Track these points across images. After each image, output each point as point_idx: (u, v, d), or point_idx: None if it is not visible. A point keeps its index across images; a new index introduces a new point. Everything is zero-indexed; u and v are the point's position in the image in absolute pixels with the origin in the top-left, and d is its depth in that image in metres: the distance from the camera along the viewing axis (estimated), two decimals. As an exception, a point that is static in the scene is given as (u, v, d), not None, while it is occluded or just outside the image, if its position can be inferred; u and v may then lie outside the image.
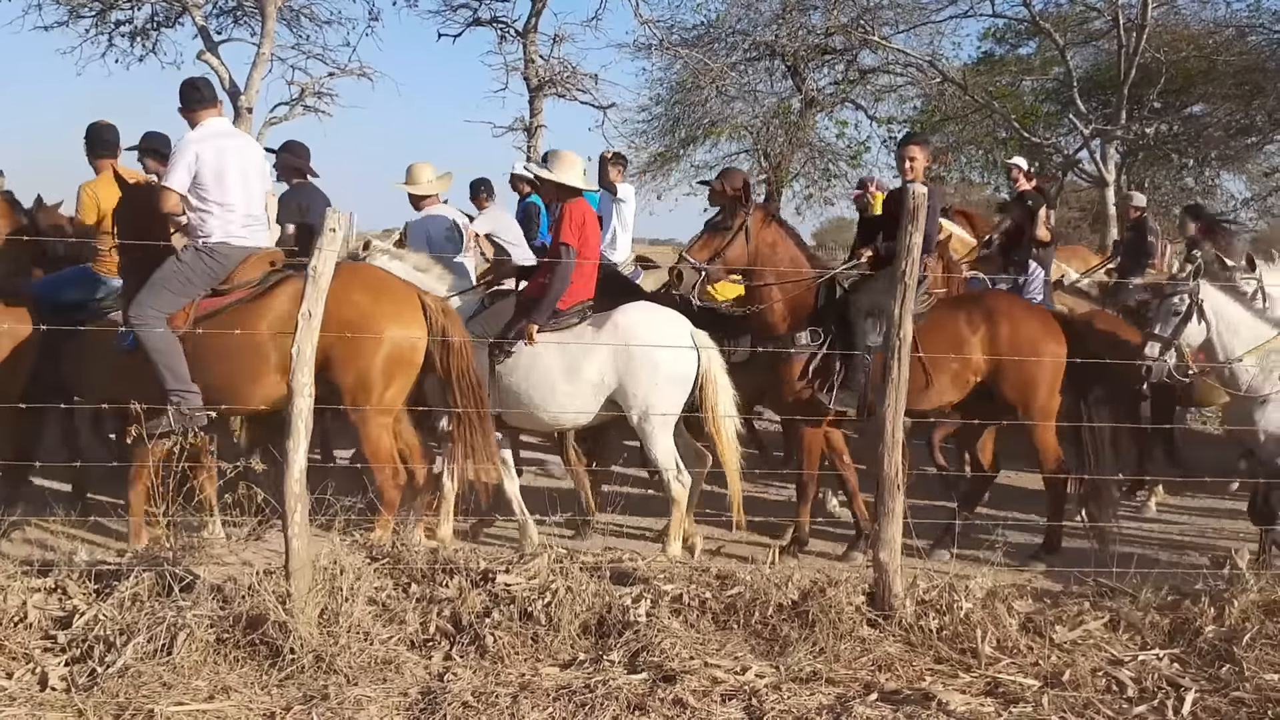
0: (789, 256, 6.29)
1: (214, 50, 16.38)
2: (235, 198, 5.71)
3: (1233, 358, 5.98)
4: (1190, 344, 6.04)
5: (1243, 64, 18.34)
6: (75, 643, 4.24)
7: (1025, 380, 6.21)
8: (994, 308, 6.38)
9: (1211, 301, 6.01)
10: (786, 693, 4.07)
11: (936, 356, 6.14)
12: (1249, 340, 5.99)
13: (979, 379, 6.27)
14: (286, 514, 4.38)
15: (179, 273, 5.61)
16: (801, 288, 6.30)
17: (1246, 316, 6.09)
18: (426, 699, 3.98)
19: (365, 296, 5.59)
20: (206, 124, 5.79)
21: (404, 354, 5.64)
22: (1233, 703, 4.11)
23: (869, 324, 6.11)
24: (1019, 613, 4.76)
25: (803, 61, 20.36)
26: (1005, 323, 6.25)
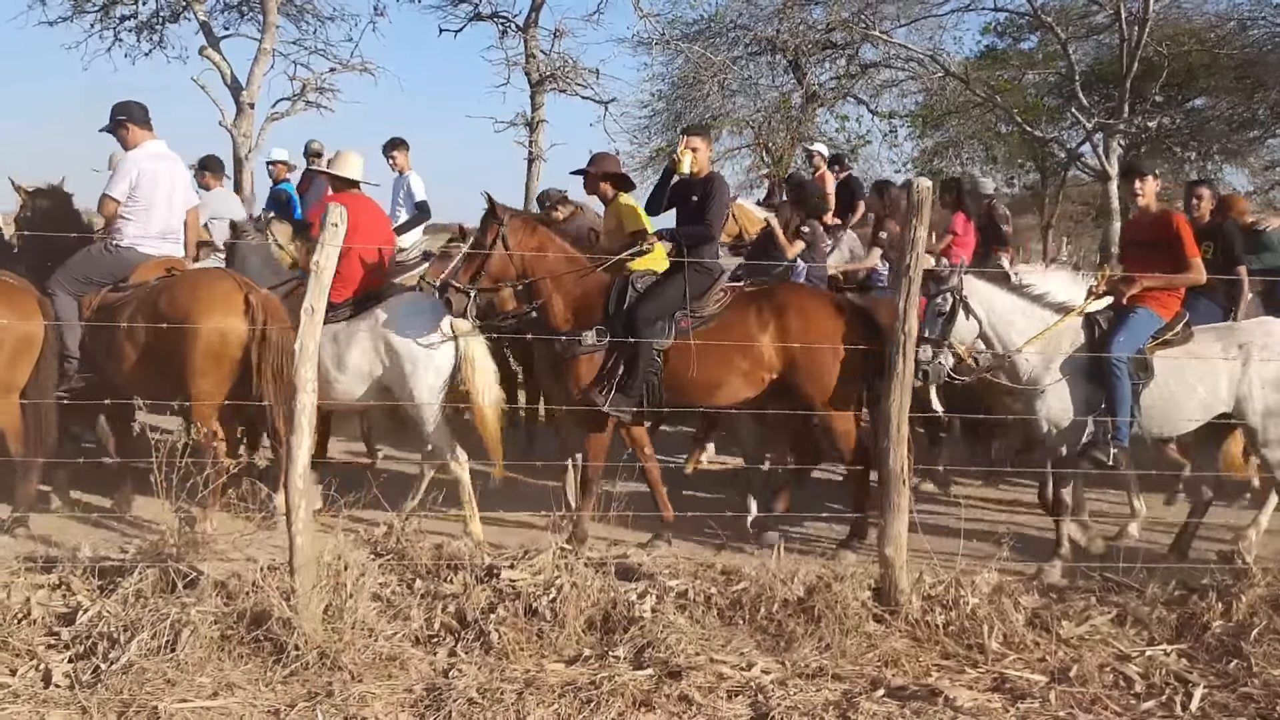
0: (560, 258, 6.21)
1: (216, 45, 16.34)
2: (158, 212, 6.49)
3: (1012, 349, 5.93)
4: (964, 341, 5.91)
5: (1244, 57, 18.31)
6: (79, 639, 4.23)
7: (819, 371, 6.05)
8: (784, 302, 6.20)
9: (978, 296, 5.93)
10: (793, 688, 4.06)
11: (727, 355, 6.03)
12: (1026, 329, 5.95)
13: (774, 375, 6.13)
14: (290, 509, 4.37)
15: (84, 262, 6.42)
16: (584, 287, 6.23)
17: (1021, 305, 6.00)
18: (431, 695, 3.97)
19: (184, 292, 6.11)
20: (146, 145, 6.52)
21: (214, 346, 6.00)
22: (1241, 698, 4.10)
23: (657, 327, 6.02)
24: (1026, 608, 4.75)
25: (804, 56, 20.30)
26: (795, 316, 6.09)
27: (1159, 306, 5.97)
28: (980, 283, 5.99)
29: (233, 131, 15.66)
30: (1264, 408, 5.80)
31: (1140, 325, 5.89)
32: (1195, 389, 5.87)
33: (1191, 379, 5.87)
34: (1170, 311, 6.00)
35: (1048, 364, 5.89)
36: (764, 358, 6.10)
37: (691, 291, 6.14)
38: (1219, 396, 5.87)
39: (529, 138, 18.20)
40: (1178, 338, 5.95)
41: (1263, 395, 5.79)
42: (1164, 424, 5.98)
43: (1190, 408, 5.90)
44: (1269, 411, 5.81)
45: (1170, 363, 5.87)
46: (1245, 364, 5.81)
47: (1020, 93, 19.91)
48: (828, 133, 21.50)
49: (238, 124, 15.63)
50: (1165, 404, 5.89)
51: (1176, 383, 5.87)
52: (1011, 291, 6.01)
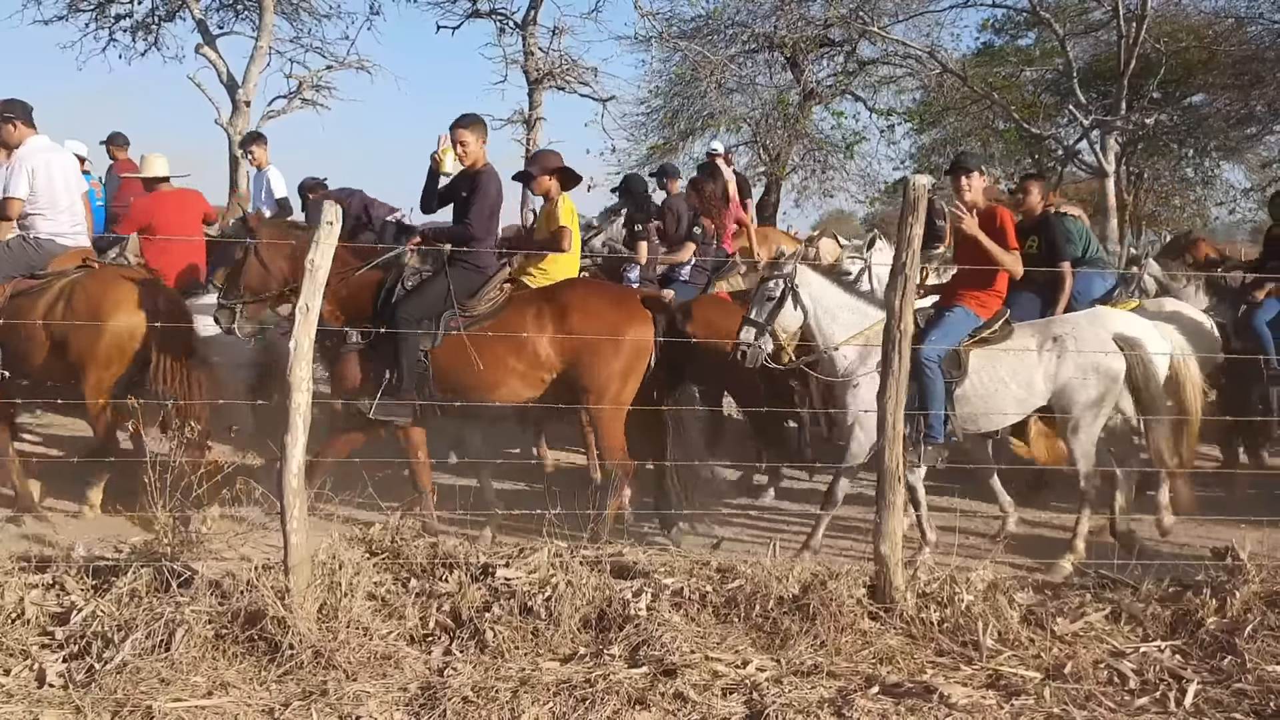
0: None
1: (212, 44, 16.35)
2: (61, 202, 6.67)
3: (832, 344, 5.98)
4: (786, 329, 5.99)
5: (1242, 54, 18.30)
6: (73, 639, 4.23)
7: (599, 371, 6.01)
8: (567, 301, 6.15)
9: (809, 287, 5.98)
10: (788, 686, 4.06)
11: (502, 355, 6.00)
12: (850, 326, 5.99)
13: (554, 374, 6.11)
14: (285, 509, 4.37)
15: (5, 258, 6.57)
16: (352, 288, 6.13)
17: (848, 301, 6.06)
18: (426, 694, 3.97)
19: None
20: (31, 141, 6.66)
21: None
22: (1235, 694, 4.10)
23: (421, 327, 5.97)
24: (1020, 605, 4.75)
25: (802, 53, 20.29)
26: (577, 315, 6.04)
27: (977, 305, 6.05)
28: (813, 275, 6.08)
29: (229, 130, 15.66)
30: (1082, 399, 5.90)
31: (955, 324, 5.99)
32: (1009, 385, 5.95)
33: (1005, 374, 5.95)
34: (989, 310, 6.09)
35: (864, 359, 5.94)
36: (542, 357, 6.03)
37: (460, 291, 6.05)
38: (1035, 390, 5.96)
39: (527, 135, 18.21)
40: (996, 335, 6.02)
41: (1082, 386, 5.89)
42: (980, 420, 6.06)
43: (1005, 403, 5.99)
44: (1086, 402, 5.90)
45: (985, 359, 5.96)
46: (1060, 357, 5.90)
47: (1018, 89, 19.91)
48: (825, 129, 21.52)
49: (234, 122, 15.64)
50: (980, 400, 5.97)
51: (991, 379, 5.95)
52: (843, 287, 6.14)
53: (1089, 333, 6.00)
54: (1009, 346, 6.00)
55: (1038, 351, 5.95)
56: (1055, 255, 6.94)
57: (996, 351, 5.99)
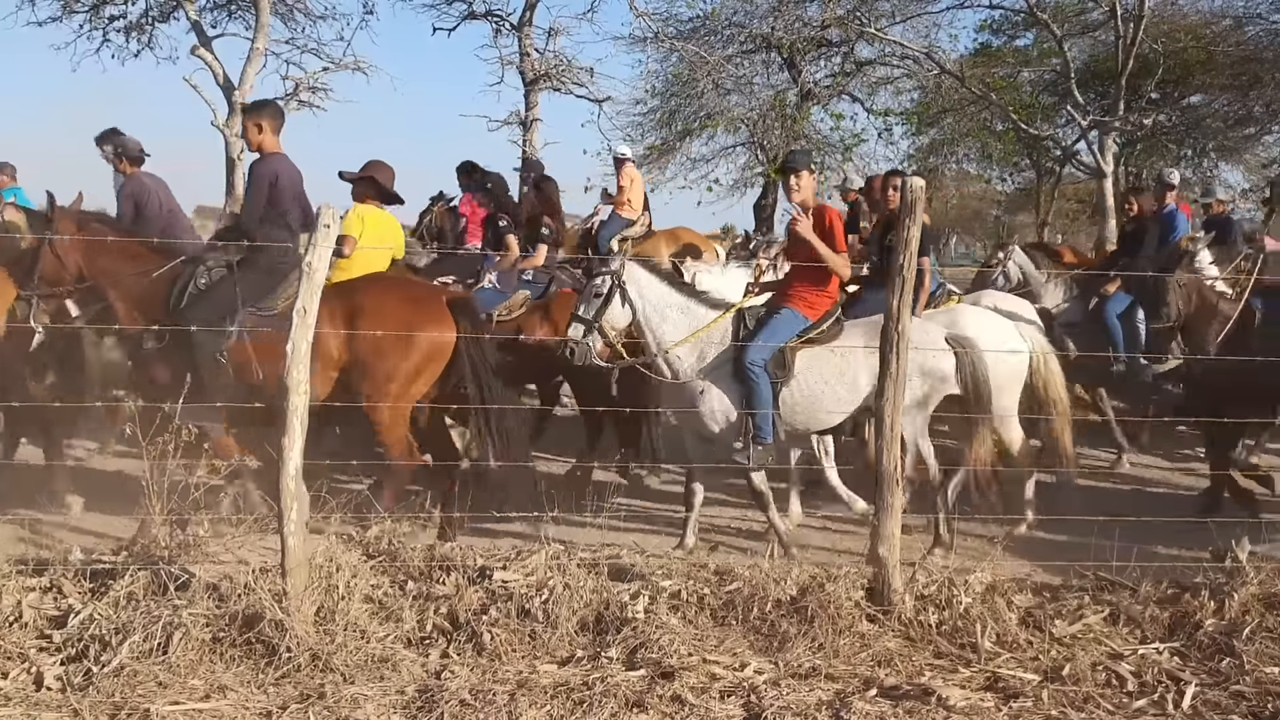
0: (118, 257, 5.99)
1: (208, 45, 16.35)
2: None
3: (661, 342, 5.97)
4: (615, 326, 5.95)
5: (1240, 54, 18.34)
6: (70, 642, 4.22)
7: (381, 371, 5.90)
8: (361, 300, 6.00)
9: (638, 285, 5.95)
10: (786, 689, 4.05)
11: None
12: (680, 325, 5.98)
13: (339, 372, 5.97)
14: (282, 512, 4.36)
15: None
16: (147, 288, 5.98)
17: (678, 300, 6.04)
18: (424, 697, 3.96)
19: None
20: None
21: None
22: (1233, 696, 4.10)
23: (213, 327, 5.80)
24: (1019, 607, 4.75)
25: (799, 54, 20.31)
26: (368, 314, 5.90)
27: (804, 306, 6.06)
28: (643, 272, 6.02)
29: (225, 131, 15.65)
30: (910, 398, 5.83)
31: (782, 325, 5.99)
32: (834, 384, 5.97)
33: (831, 374, 5.97)
34: (817, 311, 6.09)
35: (698, 360, 5.97)
36: (334, 356, 5.89)
37: (253, 289, 5.94)
38: (860, 389, 5.96)
39: (523, 136, 18.23)
40: (824, 335, 6.03)
41: (909, 384, 5.82)
42: (807, 420, 6.07)
43: (832, 402, 6.00)
44: (914, 401, 5.92)
45: (811, 359, 5.97)
46: None
47: (1016, 90, 19.93)
48: (823, 130, 21.53)
49: (230, 124, 15.62)
50: (807, 401, 5.99)
51: (817, 378, 5.97)
52: (673, 286, 6.11)
53: (918, 332, 5.93)
54: (837, 347, 6.02)
55: (865, 351, 5.91)
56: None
57: (824, 351, 6.00)
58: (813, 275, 6.05)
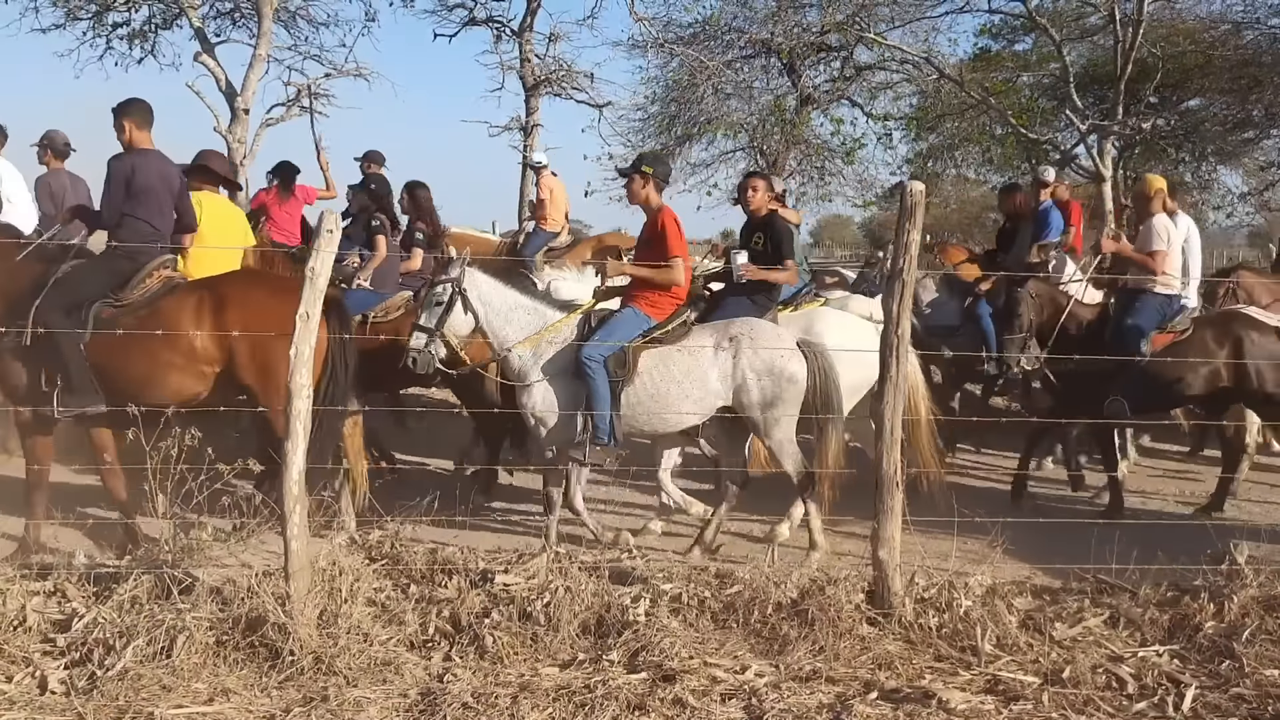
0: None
1: (211, 52, 16.34)
2: None
3: (507, 346, 6.03)
4: (458, 333, 6.01)
5: (1239, 58, 18.34)
6: (75, 646, 4.25)
7: (262, 364, 5.75)
8: (227, 293, 5.91)
9: (478, 290, 6.00)
10: (786, 691, 4.07)
11: (154, 347, 5.74)
12: (525, 326, 6.04)
13: (218, 368, 5.86)
14: (285, 515, 4.38)
15: None
16: (10, 280, 5.86)
17: (524, 302, 6.11)
18: (426, 700, 3.98)
19: None
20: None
21: None
22: (1233, 699, 4.12)
23: (72, 318, 5.70)
24: (1019, 610, 4.77)
25: (798, 59, 20.33)
26: (235, 308, 5.81)
27: (648, 306, 6.11)
28: (483, 277, 6.07)
29: (228, 138, 15.66)
30: (760, 399, 5.96)
31: (623, 324, 6.03)
32: (682, 385, 5.99)
33: (678, 375, 5.98)
34: (662, 311, 6.14)
35: (537, 360, 6.00)
36: (199, 350, 5.80)
37: (105, 281, 5.87)
38: (710, 390, 5.99)
39: (524, 142, 18.24)
40: (670, 335, 6.07)
41: (758, 386, 5.95)
42: (654, 421, 6.10)
43: (678, 403, 6.01)
44: (765, 402, 5.96)
45: (657, 360, 5.99)
46: (736, 357, 5.94)
47: (1015, 94, 19.95)
48: (823, 135, 21.56)
49: (233, 130, 15.64)
50: (652, 401, 6.01)
51: (663, 379, 5.98)
52: (518, 289, 6.18)
53: (769, 334, 6.07)
54: (684, 347, 6.04)
55: (714, 352, 5.99)
56: (779, 253, 6.98)
57: (672, 351, 6.02)
58: (654, 276, 6.10)
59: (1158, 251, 7.31)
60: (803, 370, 6.02)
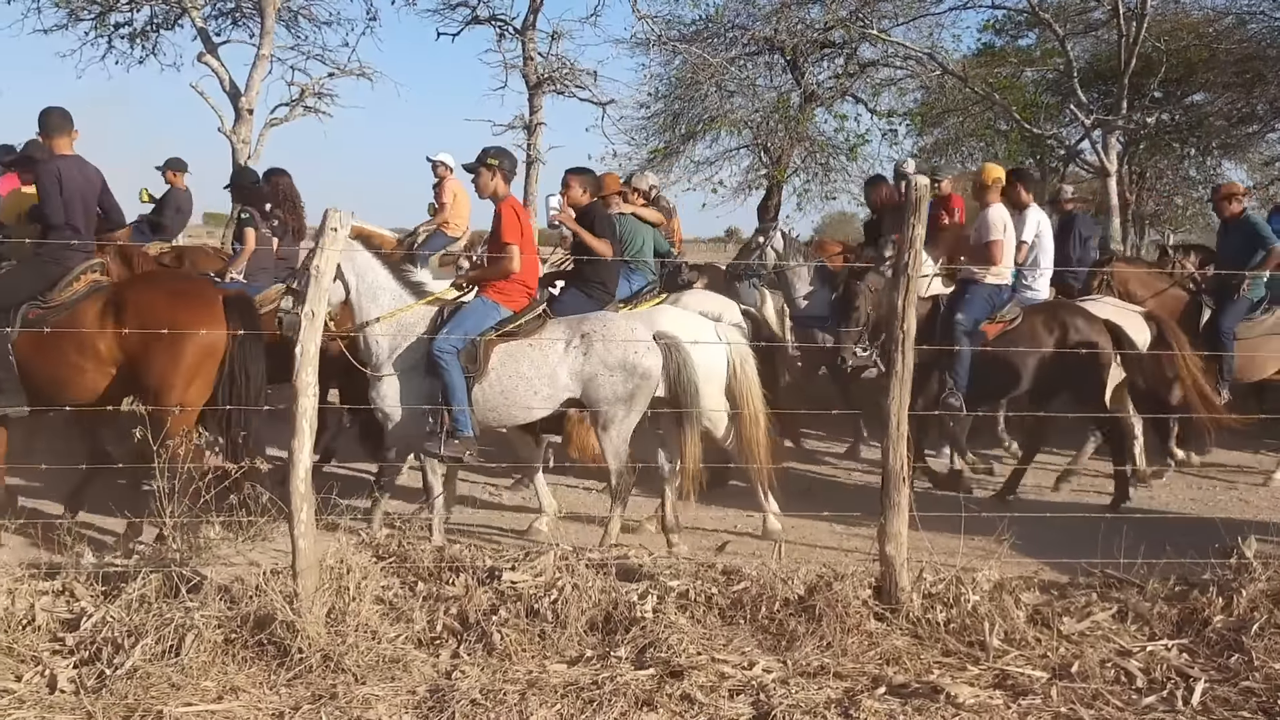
0: None
1: (213, 52, 16.39)
2: None
3: (368, 320, 6.05)
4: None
5: (1243, 52, 18.31)
6: (83, 645, 4.25)
7: (160, 368, 5.80)
8: (128, 297, 5.94)
9: (355, 265, 6.04)
10: (794, 687, 4.07)
11: (64, 348, 5.83)
12: (386, 308, 6.08)
13: (117, 370, 5.90)
14: (293, 513, 4.39)
15: None
16: None
17: (392, 285, 6.13)
18: (434, 697, 3.98)
19: None
20: None
21: None
22: (1242, 692, 4.11)
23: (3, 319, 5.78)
24: (1027, 605, 4.77)
25: (802, 55, 20.31)
26: (132, 311, 5.83)
27: (500, 296, 6.12)
28: (362, 254, 6.11)
29: (232, 138, 15.70)
30: (610, 394, 5.97)
31: (473, 314, 6.02)
32: (531, 379, 6.00)
33: (527, 369, 6.00)
34: (514, 302, 6.14)
35: (392, 351, 6.01)
36: (103, 353, 5.86)
37: (34, 283, 5.96)
38: (559, 385, 6.01)
39: (527, 140, 18.24)
40: (524, 329, 6.08)
41: (609, 381, 5.95)
42: (502, 415, 6.11)
43: (527, 397, 6.02)
44: (615, 397, 5.96)
45: (508, 353, 6.00)
46: (587, 353, 5.96)
47: (1019, 90, 19.91)
48: (827, 132, 21.54)
49: (237, 130, 15.67)
50: (501, 395, 6.01)
51: (513, 373, 5.99)
52: (391, 272, 6.18)
53: (622, 329, 6.06)
54: (536, 341, 6.06)
55: (564, 347, 6.00)
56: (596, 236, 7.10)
57: (523, 345, 6.04)
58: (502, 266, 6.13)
59: (994, 241, 7.39)
60: (657, 365, 6.03)
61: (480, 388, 5.98)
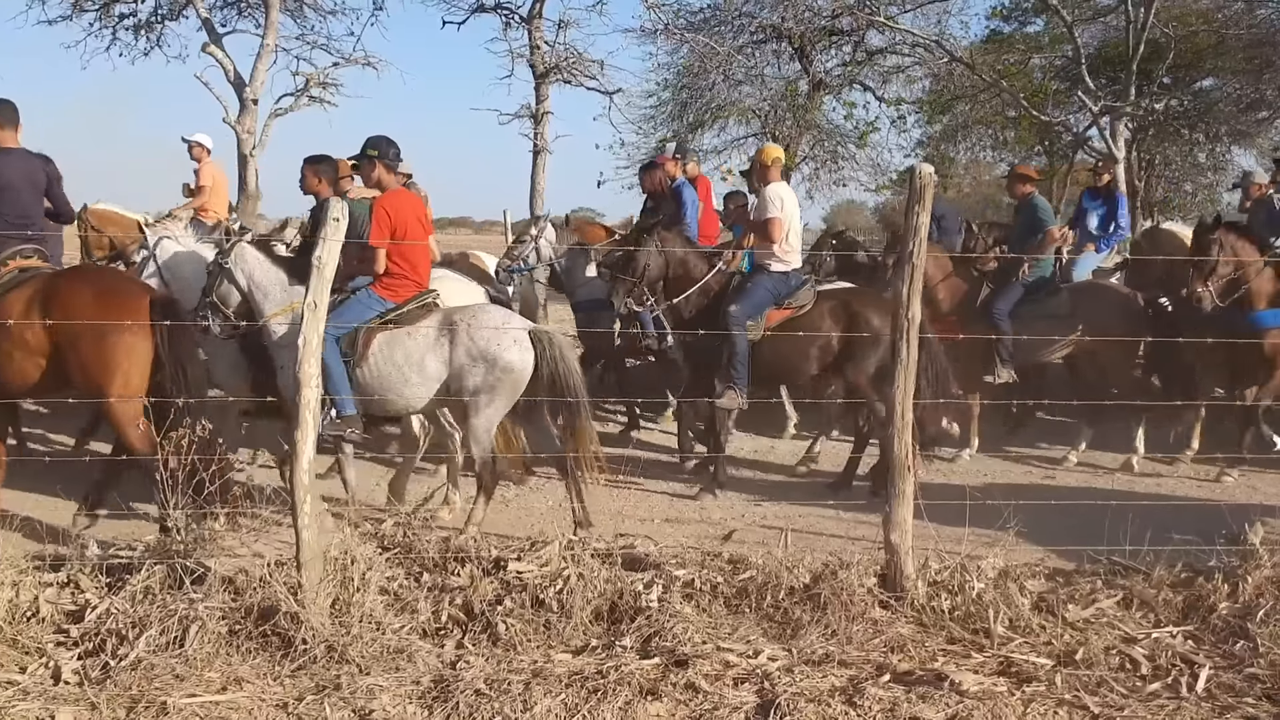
0: None
1: (218, 42, 16.40)
2: None
3: (265, 317, 6.28)
4: (226, 303, 6.37)
5: (1252, 38, 18.21)
6: (87, 636, 4.26)
7: (91, 362, 5.79)
8: (55, 288, 5.92)
9: (245, 264, 6.33)
10: (799, 675, 4.06)
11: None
12: (280, 302, 6.26)
13: (47, 361, 5.89)
14: (296, 505, 4.38)
15: None
16: None
17: (284, 279, 6.30)
18: (439, 687, 3.98)
19: None
20: None
21: None
22: (1247, 679, 4.10)
23: None
24: (1031, 592, 4.75)
25: (809, 43, 20.27)
26: (58, 306, 5.80)
27: (383, 290, 6.21)
28: (252, 252, 6.40)
29: (236, 128, 15.71)
30: (473, 385, 6.01)
31: (354, 306, 6.15)
32: (403, 367, 6.08)
33: (400, 358, 6.08)
34: (400, 295, 6.21)
35: (290, 343, 5.98)
36: (31, 343, 5.87)
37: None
38: (429, 374, 6.08)
39: (534, 130, 18.24)
40: (406, 318, 6.16)
41: (473, 372, 6.01)
42: (381, 403, 6.20)
43: (399, 384, 6.11)
44: (478, 388, 6.01)
45: (384, 342, 6.10)
46: (453, 343, 6.03)
47: (1027, 77, 19.84)
48: (835, 120, 21.49)
49: (241, 120, 15.68)
50: (377, 383, 6.12)
51: (387, 361, 6.09)
52: (282, 267, 6.40)
53: (492, 321, 6.10)
54: (412, 331, 6.12)
55: (435, 336, 6.07)
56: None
57: (400, 335, 6.12)
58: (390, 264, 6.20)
59: (773, 219, 7.38)
60: (523, 359, 6.05)
61: (360, 373, 6.12)
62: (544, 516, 6.71)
